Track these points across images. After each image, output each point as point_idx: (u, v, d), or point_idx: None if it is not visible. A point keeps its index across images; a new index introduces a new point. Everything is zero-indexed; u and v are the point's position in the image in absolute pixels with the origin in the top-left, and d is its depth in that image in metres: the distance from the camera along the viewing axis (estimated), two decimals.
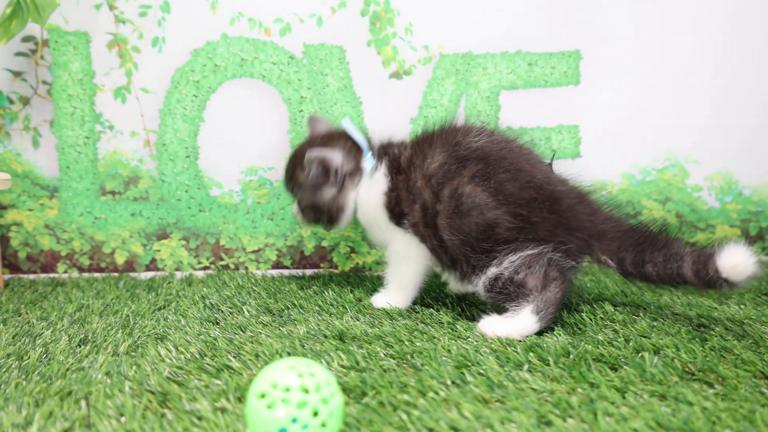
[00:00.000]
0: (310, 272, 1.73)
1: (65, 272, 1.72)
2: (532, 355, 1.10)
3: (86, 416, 0.92)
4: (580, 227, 1.26)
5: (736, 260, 1.14)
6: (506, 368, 1.06)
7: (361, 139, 1.44)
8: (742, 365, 1.05)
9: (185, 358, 1.12)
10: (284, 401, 0.79)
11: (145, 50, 1.66)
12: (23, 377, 1.05)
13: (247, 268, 1.74)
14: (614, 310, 1.33)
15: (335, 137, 1.46)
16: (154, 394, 0.98)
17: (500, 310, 1.26)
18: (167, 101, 1.68)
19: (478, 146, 1.30)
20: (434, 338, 1.21)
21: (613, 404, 0.93)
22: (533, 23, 1.69)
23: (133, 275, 1.71)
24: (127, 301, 1.48)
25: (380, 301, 1.41)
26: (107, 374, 1.06)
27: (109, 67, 1.67)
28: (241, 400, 0.96)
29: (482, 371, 1.05)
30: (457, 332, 1.24)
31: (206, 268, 1.74)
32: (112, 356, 1.14)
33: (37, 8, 1.52)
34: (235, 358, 1.11)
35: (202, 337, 1.22)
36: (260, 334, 1.23)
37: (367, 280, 1.64)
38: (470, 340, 1.20)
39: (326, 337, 1.22)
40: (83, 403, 0.96)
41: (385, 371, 1.06)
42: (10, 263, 1.70)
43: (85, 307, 1.43)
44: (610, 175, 1.74)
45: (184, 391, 0.99)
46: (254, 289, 1.54)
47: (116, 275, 1.71)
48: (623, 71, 1.70)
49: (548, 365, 1.07)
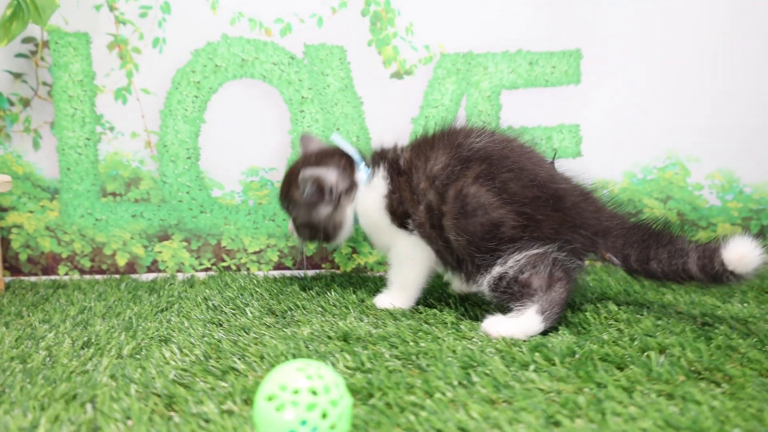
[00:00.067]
0: (311, 273, 1.73)
1: (66, 274, 1.71)
2: (537, 355, 1.10)
3: (92, 420, 0.92)
4: (584, 225, 1.26)
5: (742, 252, 1.15)
6: (512, 368, 1.06)
7: (353, 151, 1.44)
8: (748, 364, 1.05)
9: (190, 360, 1.12)
10: (293, 404, 0.79)
11: (145, 51, 1.66)
12: (27, 381, 1.04)
13: (248, 269, 1.74)
14: (618, 309, 1.33)
15: (329, 155, 1.46)
16: (160, 396, 0.98)
17: (504, 310, 1.26)
18: (168, 102, 1.67)
19: (480, 147, 1.30)
20: (439, 339, 1.21)
21: (620, 404, 0.93)
22: (534, 23, 1.68)
23: (134, 277, 1.70)
24: (129, 303, 1.47)
25: (383, 301, 1.41)
26: (112, 377, 1.05)
27: (109, 68, 1.66)
28: (247, 402, 0.96)
29: (488, 372, 1.05)
30: (461, 333, 1.24)
31: (208, 269, 1.73)
32: (116, 359, 1.14)
33: (37, 9, 1.51)
34: (240, 360, 1.11)
35: (206, 339, 1.21)
36: (264, 335, 1.23)
37: (369, 280, 1.64)
38: (475, 340, 1.20)
39: (330, 338, 1.22)
40: (89, 406, 0.95)
41: (390, 372, 1.05)
42: (11, 265, 1.70)
43: (87, 309, 1.43)
44: (611, 173, 1.73)
45: (190, 393, 0.98)
46: (256, 290, 1.54)
47: (117, 277, 1.70)
48: (624, 70, 1.70)
49: (554, 365, 1.07)
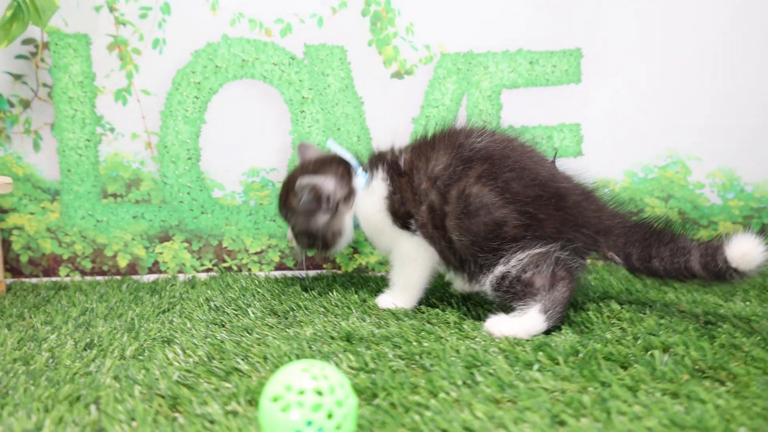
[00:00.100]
0: (313, 273, 1.73)
1: (67, 276, 1.71)
2: (541, 354, 1.10)
3: (97, 421, 0.91)
4: (586, 223, 1.26)
5: (745, 249, 1.15)
6: (516, 368, 1.06)
7: (349, 157, 1.44)
8: (752, 362, 1.05)
9: (193, 361, 1.11)
10: (299, 404, 0.79)
11: (145, 52, 1.66)
12: (31, 382, 1.04)
13: (250, 269, 1.73)
14: (620, 308, 1.33)
15: (327, 163, 1.46)
16: (164, 398, 0.98)
17: (507, 309, 1.26)
18: (168, 103, 1.67)
19: (481, 146, 1.30)
20: (442, 338, 1.20)
21: (625, 403, 0.93)
22: (534, 22, 1.68)
23: (135, 278, 1.70)
24: (130, 304, 1.47)
25: (385, 301, 1.41)
26: (115, 378, 1.05)
27: (109, 69, 1.66)
28: (251, 403, 0.96)
29: (492, 371, 1.04)
30: (464, 332, 1.24)
31: (209, 270, 1.73)
32: (119, 360, 1.13)
33: (37, 10, 1.51)
34: (243, 360, 1.10)
35: (208, 339, 1.21)
36: (267, 336, 1.23)
37: (370, 280, 1.64)
38: (478, 340, 1.20)
39: (333, 338, 1.22)
40: (93, 407, 0.95)
41: (394, 372, 1.05)
42: (11, 267, 1.70)
43: (89, 310, 1.42)
44: (612, 173, 1.73)
45: (194, 394, 0.98)
46: (258, 291, 1.54)
47: (119, 278, 1.70)
48: (625, 69, 1.70)
49: (558, 364, 1.07)
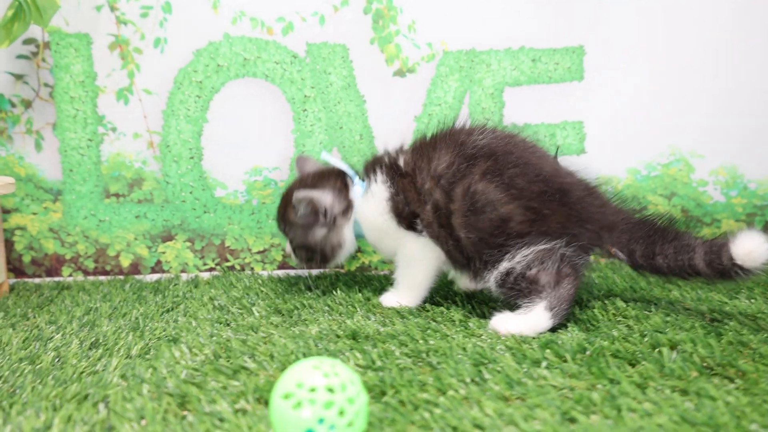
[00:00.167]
0: (316, 272, 1.72)
1: (70, 276, 1.70)
2: (548, 351, 1.10)
3: (106, 420, 0.91)
4: (590, 219, 1.26)
5: (750, 246, 1.15)
6: (524, 365, 1.06)
7: (346, 168, 1.45)
8: (760, 359, 1.05)
9: (200, 359, 1.11)
10: (310, 401, 0.79)
11: (147, 51, 1.65)
12: (38, 381, 1.04)
13: (252, 268, 1.73)
14: (626, 305, 1.33)
15: (325, 176, 1.46)
16: (172, 396, 0.97)
17: (512, 307, 1.25)
18: (170, 102, 1.67)
19: (484, 143, 1.30)
20: (447, 336, 1.20)
21: (635, 400, 0.93)
22: (536, 19, 1.68)
23: (138, 278, 1.70)
24: (134, 303, 1.47)
25: (390, 300, 1.41)
26: (123, 377, 1.05)
27: (111, 68, 1.66)
28: (260, 401, 0.96)
29: (500, 369, 1.04)
30: (470, 330, 1.24)
31: (212, 269, 1.73)
32: (125, 359, 1.13)
33: (38, 10, 1.50)
34: (250, 359, 1.10)
35: (215, 338, 1.21)
36: (273, 334, 1.23)
37: (374, 279, 1.64)
38: (484, 337, 1.20)
39: (339, 336, 1.21)
40: (101, 406, 0.95)
41: (402, 370, 1.05)
42: (14, 267, 1.69)
43: (93, 310, 1.42)
44: (615, 170, 1.73)
45: (202, 393, 0.98)
46: (262, 289, 1.54)
47: (122, 278, 1.70)
48: (627, 66, 1.70)
49: (566, 362, 1.07)
